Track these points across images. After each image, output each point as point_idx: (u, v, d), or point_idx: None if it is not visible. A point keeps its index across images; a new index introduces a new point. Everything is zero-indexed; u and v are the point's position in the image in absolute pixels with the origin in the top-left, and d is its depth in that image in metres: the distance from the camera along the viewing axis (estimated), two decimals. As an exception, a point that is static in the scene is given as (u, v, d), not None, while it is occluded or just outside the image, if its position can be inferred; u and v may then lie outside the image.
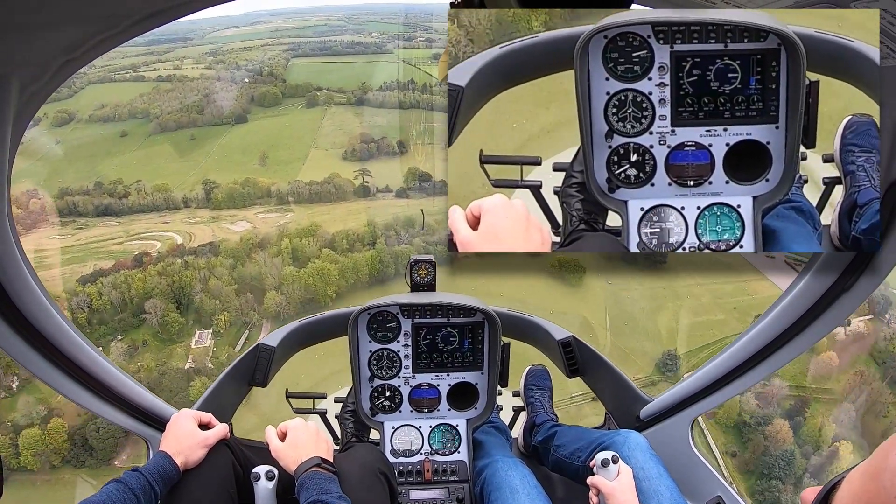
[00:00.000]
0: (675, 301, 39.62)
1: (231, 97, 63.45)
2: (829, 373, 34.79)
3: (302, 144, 59.58)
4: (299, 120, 62.68)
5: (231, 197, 52.28)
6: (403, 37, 71.07)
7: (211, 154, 58.40)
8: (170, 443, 2.18)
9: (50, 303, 2.12)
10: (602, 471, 2.36)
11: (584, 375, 3.32)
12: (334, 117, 62.40)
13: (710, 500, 2.72)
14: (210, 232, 49.45)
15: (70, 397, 2.41)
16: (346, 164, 56.25)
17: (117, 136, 59.21)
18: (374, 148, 56.84)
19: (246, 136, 60.62)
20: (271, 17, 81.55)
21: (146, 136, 59.67)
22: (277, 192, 53.62)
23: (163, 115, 60.96)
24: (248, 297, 43.48)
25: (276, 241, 47.61)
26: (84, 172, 54.29)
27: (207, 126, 60.14)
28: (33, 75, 1.54)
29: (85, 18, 1.43)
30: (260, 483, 2.24)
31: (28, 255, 1.99)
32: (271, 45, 73.82)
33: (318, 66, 70.06)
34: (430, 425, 2.98)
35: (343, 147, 58.16)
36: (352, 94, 63.97)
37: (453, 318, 2.91)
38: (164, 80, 65.72)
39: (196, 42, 71.85)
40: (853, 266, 2.04)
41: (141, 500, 1.96)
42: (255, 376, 3.13)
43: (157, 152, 58.00)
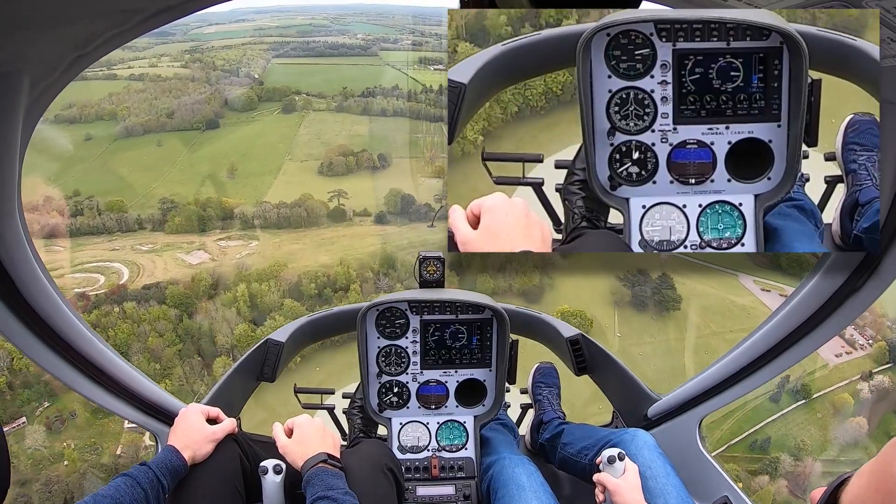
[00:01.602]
0: (692, 356, 35.82)
1: (203, 100, 59.54)
2: (860, 440, 31.54)
3: (275, 155, 55.38)
4: (274, 127, 58.85)
5: (189, 220, 46.34)
6: (390, 39, 68.88)
7: (177, 164, 54.00)
8: (178, 437, 2.19)
9: (59, 296, 2.14)
10: (608, 468, 2.36)
11: (592, 373, 3.31)
12: (312, 125, 58.81)
13: (717, 500, 2.68)
14: (162, 264, 43.56)
15: (79, 391, 2.43)
16: (321, 181, 51.77)
17: (82, 139, 54.69)
18: (352, 162, 52.65)
19: (216, 144, 56.64)
20: (256, 14, 78.34)
21: (111, 140, 55.07)
22: (242, 214, 47.74)
23: (130, 117, 56.83)
24: (195, 363, 36.53)
25: (232, 283, 41.27)
26: (37, 184, 48.97)
27: (177, 131, 56.00)
28: (44, 71, 1.55)
29: (95, 14, 1.44)
30: (267, 477, 2.26)
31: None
32: (252, 44, 70.44)
33: (298, 68, 67.12)
34: (437, 422, 2.98)
35: (319, 159, 53.90)
36: (332, 99, 60.69)
37: (462, 314, 2.91)
38: (137, 78, 61.90)
39: (178, 39, 68.12)
40: (862, 268, 2.02)
41: (149, 493, 1.96)
42: (264, 371, 3.13)
43: (120, 160, 53.48)
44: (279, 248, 45.50)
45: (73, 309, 2.23)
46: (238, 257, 44.37)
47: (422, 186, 47.12)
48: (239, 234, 46.57)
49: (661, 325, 36.23)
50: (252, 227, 47.17)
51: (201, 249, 44.83)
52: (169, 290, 40.25)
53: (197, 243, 45.46)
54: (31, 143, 1.79)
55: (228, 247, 44.76)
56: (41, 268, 2.02)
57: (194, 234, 45.63)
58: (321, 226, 48.00)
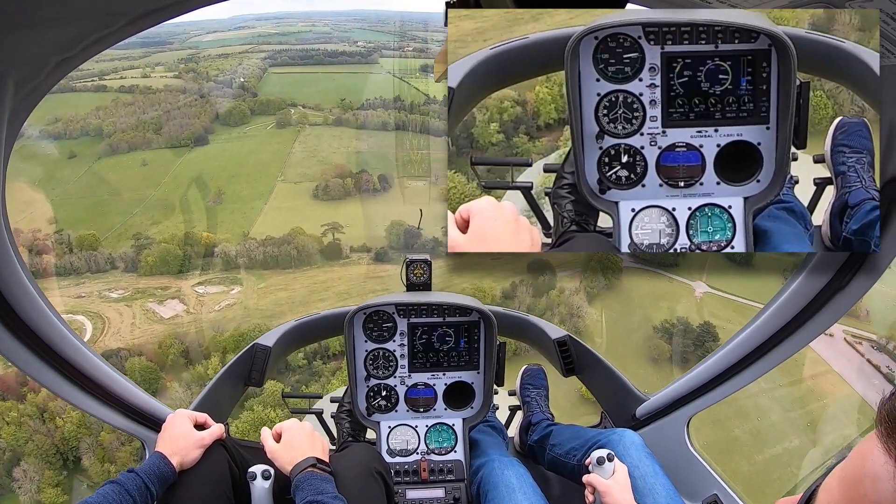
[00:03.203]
0: (739, 422, 29.86)
1: (193, 113, 55.31)
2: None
3: (267, 175, 50.80)
4: (267, 143, 54.22)
5: (165, 261, 40.71)
6: (391, 46, 65.91)
7: (161, 186, 49.59)
8: (165, 443, 2.18)
9: (45, 303, 2.12)
10: (598, 469, 2.36)
11: (579, 374, 3.30)
12: (307, 140, 54.24)
13: (707, 498, 2.70)
14: (130, 317, 37.71)
15: (65, 398, 2.40)
16: (315, 207, 47.00)
17: (66, 157, 50.37)
18: (350, 184, 47.95)
19: (204, 163, 52.06)
20: (256, 21, 74.63)
21: (96, 158, 50.91)
22: (223, 253, 41.74)
23: (116, 133, 52.60)
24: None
25: (206, 348, 35.08)
26: (12, 211, 44.82)
27: (164, 148, 51.81)
28: (29, 73, 1.53)
29: (81, 16, 1.43)
30: (256, 482, 2.26)
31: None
32: (250, 52, 66.22)
33: (295, 78, 63.29)
34: (426, 425, 2.97)
35: (315, 180, 49.25)
36: (329, 112, 56.57)
37: (449, 317, 2.91)
38: (127, 90, 57.80)
39: (176, 47, 64.66)
40: (848, 265, 2.03)
41: (137, 501, 1.95)
42: (252, 376, 3.10)
43: (101, 183, 49.04)
44: (264, 297, 40.17)
45: (58, 315, 2.20)
46: (217, 309, 38.86)
47: (432, 212, 42.53)
48: (220, 276, 41.10)
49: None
50: (235, 268, 41.64)
51: (176, 298, 39.60)
52: (129, 363, 33.97)
53: (172, 289, 40.36)
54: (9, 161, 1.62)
55: (207, 294, 39.06)
56: (26, 273, 2.00)
57: (170, 278, 40.34)
58: (313, 265, 42.73)
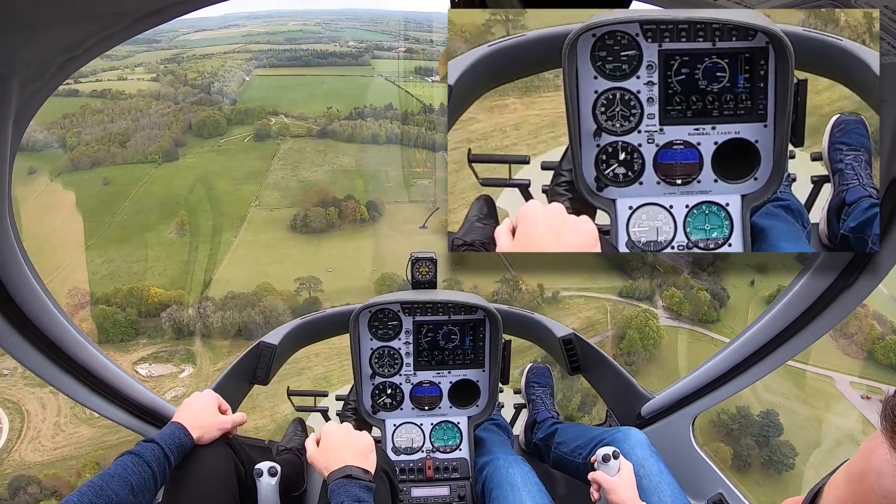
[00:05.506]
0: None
1: (164, 123, 49.67)
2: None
3: (240, 200, 44.11)
4: (243, 159, 48.22)
5: (104, 329, 32.97)
6: (383, 46, 62.25)
7: (118, 214, 42.88)
8: (189, 416, 2.18)
9: (50, 300, 2.12)
10: (603, 466, 2.36)
11: (585, 373, 3.30)
12: (288, 155, 48.25)
13: (712, 497, 2.69)
14: (55, 411, 29.92)
15: (71, 395, 2.42)
16: (293, 241, 40.56)
17: (25, 173, 43.37)
18: (334, 214, 41.18)
19: (171, 183, 45.54)
20: (247, 20, 69.30)
21: (55, 175, 44.51)
22: (174, 320, 33.95)
23: (80, 146, 46.80)
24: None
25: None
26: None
27: (129, 164, 46.08)
28: (34, 74, 1.54)
29: (85, 17, 1.43)
30: (263, 479, 2.27)
31: None
32: (235, 52, 60.69)
33: (280, 81, 58.10)
34: (431, 423, 2.98)
35: (294, 206, 42.84)
36: (314, 122, 50.71)
37: (454, 315, 2.91)
38: (98, 95, 52.03)
39: (162, 46, 59.49)
40: (853, 265, 2.03)
41: (155, 471, 1.95)
42: (257, 374, 3.12)
43: (53, 210, 42.03)
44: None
45: (63, 312, 2.20)
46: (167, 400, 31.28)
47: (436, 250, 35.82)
48: (169, 349, 33.63)
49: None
50: (189, 337, 34.05)
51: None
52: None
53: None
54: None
55: (151, 377, 31.62)
56: (32, 271, 2.01)
57: (109, 349, 32.14)
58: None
